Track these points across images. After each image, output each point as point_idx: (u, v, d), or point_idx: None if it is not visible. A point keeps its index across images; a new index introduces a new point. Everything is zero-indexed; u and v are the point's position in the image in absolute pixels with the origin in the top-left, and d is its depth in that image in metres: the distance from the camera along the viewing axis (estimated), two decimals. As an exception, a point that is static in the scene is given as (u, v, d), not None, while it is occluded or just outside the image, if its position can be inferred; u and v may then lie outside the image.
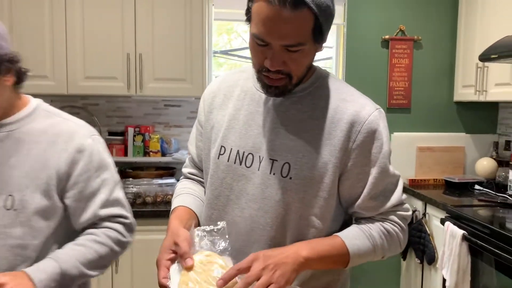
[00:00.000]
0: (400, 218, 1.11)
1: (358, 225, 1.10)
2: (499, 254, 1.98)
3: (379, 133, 1.06)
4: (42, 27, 2.53)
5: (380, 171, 1.06)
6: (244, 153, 1.10)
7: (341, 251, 1.04)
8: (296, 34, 0.95)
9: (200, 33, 2.63)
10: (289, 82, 1.03)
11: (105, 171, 1.23)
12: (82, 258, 1.16)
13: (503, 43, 2.34)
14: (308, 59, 1.03)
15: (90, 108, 2.91)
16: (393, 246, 1.11)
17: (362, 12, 3.12)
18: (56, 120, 1.22)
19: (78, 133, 1.21)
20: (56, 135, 1.19)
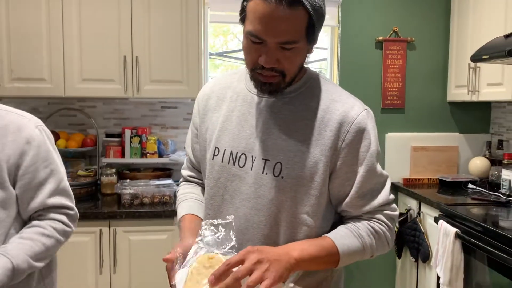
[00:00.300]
0: (387, 218, 1.13)
1: (346, 226, 1.12)
2: (492, 252, 2.01)
3: (367, 132, 1.09)
4: (39, 30, 2.55)
5: (367, 169, 1.09)
6: (237, 153, 1.13)
7: (331, 251, 1.05)
8: (291, 31, 0.98)
9: (196, 35, 2.66)
10: (282, 80, 1.06)
11: (52, 162, 1.26)
12: (30, 252, 1.18)
13: (493, 44, 2.37)
14: (300, 58, 1.06)
15: (87, 110, 2.93)
16: (381, 245, 1.13)
17: (356, 13, 3.15)
18: (3, 111, 1.22)
19: (26, 125, 1.22)
20: (4, 128, 1.19)
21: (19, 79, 2.56)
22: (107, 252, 2.40)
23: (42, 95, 2.61)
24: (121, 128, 2.94)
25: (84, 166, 2.86)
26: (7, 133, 1.20)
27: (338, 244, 1.06)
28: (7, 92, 2.54)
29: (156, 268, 2.44)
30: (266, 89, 1.08)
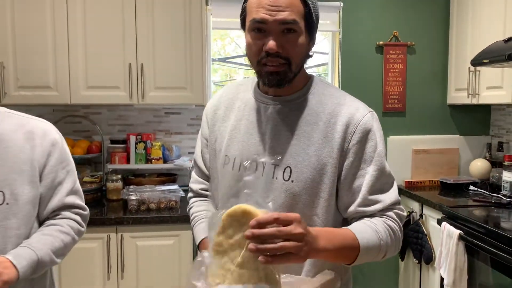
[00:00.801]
0: (398, 217, 1.15)
1: (363, 221, 1.11)
2: (495, 253, 2.04)
3: (373, 133, 1.13)
4: (44, 39, 2.58)
5: (376, 169, 1.12)
6: (247, 160, 1.16)
7: (352, 244, 1.04)
8: (291, 11, 1.05)
9: (199, 42, 2.69)
10: (288, 69, 1.09)
11: (69, 163, 1.37)
12: (52, 247, 1.25)
13: (493, 48, 2.41)
14: (303, 47, 1.11)
15: (92, 117, 2.96)
16: (394, 245, 1.13)
17: (357, 19, 3.20)
18: (22, 119, 1.32)
19: (50, 129, 1.34)
20: (31, 132, 1.29)
21: (25, 87, 2.59)
22: (114, 257, 2.43)
23: (48, 103, 2.64)
24: (125, 134, 2.97)
25: (89, 172, 2.88)
26: (35, 137, 1.30)
27: (359, 238, 1.04)
28: (13, 100, 2.57)
29: (163, 273, 2.47)
30: (274, 79, 1.10)
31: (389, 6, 3.22)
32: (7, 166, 1.24)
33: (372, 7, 3.20)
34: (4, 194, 1.22)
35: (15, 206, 1.23)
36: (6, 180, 1.23)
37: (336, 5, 3.12)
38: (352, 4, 3.17)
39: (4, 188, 1.23)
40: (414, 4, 3.23)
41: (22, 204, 1.24)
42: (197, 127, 3.10)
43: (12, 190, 1.23)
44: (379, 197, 1.12)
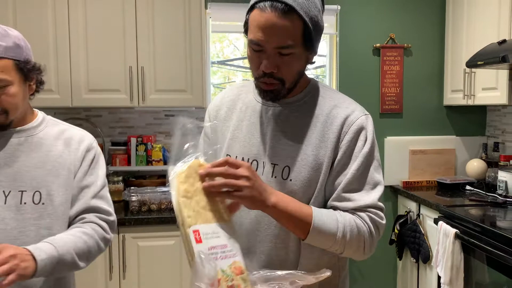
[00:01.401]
0: (371, 220, 1.12)
1: (334, 211, 1.13)
2: (490, 251, 2.08)
3: (364, 135, 1.16)
4: (46, 43, 2.62)
5: (358, 168, 1.14)
6: (249, 160, 1.20)
7: (305, 219, 1.08)
8: (286, 36, 1.06)
9: (199, 45, 2.73)
10: (282, 87, 1.13)
11: (100, 169, 1.43)
12: (74, 246, 1.26)
13: (488, 50, 2.46)
14: (299, 65, 1.13)
15: (93, 120, 2.99)
16: (356, 245, 1.11)
17: (354, 21, 3.24)
18: (63, 127, 1.43)
19: (87, 137, 1.44)
20: (70, 138, 1.39)
21: (27, 91, 2.63)
22: (116, 258, 2.46)
23: (49, 106, 2.67)
24: (126, 136, 3.00)
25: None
26: (72, 143, 1.39)
27: (315, 216, 1.08)
28: (15, 103, 2.60)
29: (165, 273, 2.50)
30: (268, 96, 1.15)
31: (386, 9, 3.26)
32: (46, 169, 1.32)
33: (369, 10, 3.25)
34: (41, 194, 1.30)
35: (50, 206, 1.30)
36: (44, 181, 1.31)
37: (333, 8, 3.17)
38: (350, 7, 3.22)
39: (41, 188, 1.30)
40: (410, 7, 3.28)
41: (56, 205, 1.31)
42: (197, 129, 3.13)
43: (49, 191, 1.31)
44: (353, 195, 1.13)
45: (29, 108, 1.39)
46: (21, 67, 1.31)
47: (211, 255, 0.95)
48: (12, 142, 1.33)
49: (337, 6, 3.17)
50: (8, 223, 1.27)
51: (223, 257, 0.98)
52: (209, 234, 0.98)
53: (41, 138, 1.36)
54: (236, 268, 0.98)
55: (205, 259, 0.93)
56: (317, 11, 1.09)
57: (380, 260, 3.27)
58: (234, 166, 1.01)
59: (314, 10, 1.08)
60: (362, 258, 1.16)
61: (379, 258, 3.26)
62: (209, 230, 0.98)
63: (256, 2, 1.08)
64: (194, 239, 0.96)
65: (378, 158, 1.19)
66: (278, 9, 1.04)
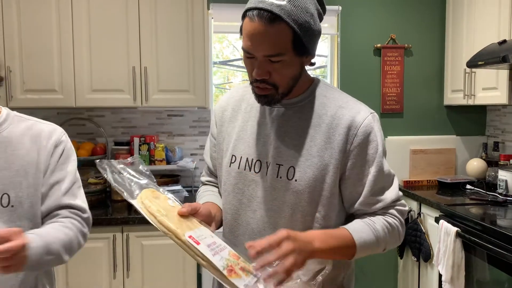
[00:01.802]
0: (399, 213, 1.21)
1: (363, 219, 1.19)
2: (491, 249, 2.10)
3: (374, 135, 1.18)
4: (50, 44, 2.64)
5: (378, 169, 1.17)
6: (253, 160, 1.22)
7: (349, 244, 1.12)
8: (274, 45, 1.07)
9: (201, 46, 2.75)
10: (275, 92, 1.15)
11: (70, 164, 1.33)
12: (57, 237, 1.19)
13: (488, 51, 2.48)
14: (292, 70, 1.14)
15: (95, 120, 3.01)
16: (393, 239, 1.20)
17: (355, 22, 3.26)
18: (30, 122, 1.32)
19: (56, 131, 1.34)
20: (37, 136, 1.29)
21: (31, 91, 2.65)
22: (120, 257, 2.48)
23: (53, 106, 2.69)
24: (129, 136, 3.02)
25: (94, 174, 2.93)
26: (41, 140, 1.30)
27: (355, 237, 1.12)
28: (19, 103, 2.62)
29: (168, 272, 2.52)
30: (262, 101, 1.17)
31: (387, 10, 3.28)
32: (14, 169, 1.25)
33: (370, 10, 3.27)
34: (9, 197, 1.23)
35: (20, 208, 1.23)
36: (12, 183, 1.24)
37: (334, 9, 3.19)
38: (350, 8, 3.24)
39: (9, 191, 1.23)
40: (411, 8, 3.30)
41: (27, 207, 1.24)
42: (199, 128, 3.15)
43: (17, 193, 1.23)
44: (380, 197, 1.19)
45: None
46: None
47: (212, 250, 1.01)
48: None
49: (338, 6, 3.19)
50: None
51: (220, 250, 1.03)
52: (199, 236, 1.03)
53: (6, 137, 1.27)
54: (234, 255, 1.05)
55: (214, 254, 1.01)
56: (308, 16, 1.08)
57: (381, 258, 3.29)
58: (276, 243, 1.01)
59: (305, 16, 1.07)
60: (399, 244, 1.26)
61: (380, 257, 3.28)
62: (197, 234, 1.04)
63: (246, 10, 1.09)
64: (194, 242, 1.00)
65: (385, 148, 1.22)
66: (264, 18, 1.04)
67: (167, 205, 1.08)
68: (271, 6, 1.04)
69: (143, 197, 1.07)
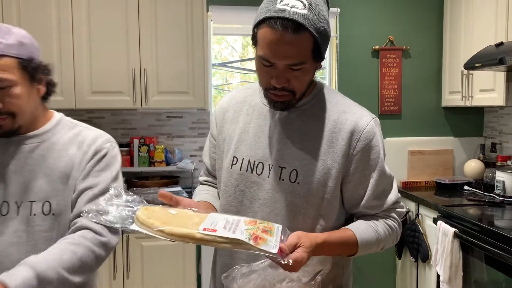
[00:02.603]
0: (397, 215, 1.26)
1: (366, 221, 1.22)
2: (489, 249, 2.12)
3: (376, 140, 1.20)
4: (50, 46, 2.65)
5: (379, 174, 1.20)
6: (255, 162, 1.23)
7: (351, 243, 1.17)
8: (298, 54, 1.07)
9: (201, 48, 2.77)
10: (293, 98, 1.16)
11: (109, 172, 1.28)
12: (59, 260, 1.11)
13: (485, 53, 2.50)
14: (309, 76, 1.16)
15: (95, 121, 3.02)
16: (391, 240, 1.25)
17: (353, 24, 3.28)
18: (80, 129, 1.33)
19: (101, 137, 1.32)
20: (81, 142, 1.29)
21: (31, 93, 2.66)
22: (120, 258, 2.49)
23: (53, 108, 2.69)
24: (129, 138, 3.03)
25: (94, 175, 2.94)
26: (83, 146, 1.28)
27: (358, 238, 1.17)
28: (20, 105, 2.63)
29: (168, 273, 2.53)
30: (278, 106, 1.18)
31: (385, 12, 3.30)
32: (55, 176, 1.24)
33: (368, 12, 3.29)
34: (51, 204, 1.22)
35: (60, 216, 1.23)
36: (53, 190, 1.23)
37: (333, 11, 3.20)
38: (349, 10, 3.26)
39: (51, 198, 1.22)
40: (409, 10, 3.32)
41: (67, 215, 1.23)
42: (198, 130, 3.17)
43: (59, 201, 1.23)
44: (382, 200, 1.22)
45: (41, 111, 1.30)
46: (25, 65, 1.21)
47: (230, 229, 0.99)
48: (24, 149, 1.25)
49: (337, 8, 3.21)
50: (21, 236, 1.21)
51: (236, 225, 1.01)
52: (212, 223, 1.01)
53: (53, 143, 1.27)
54: (250, 222, 1.04)
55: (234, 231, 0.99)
56: (325, 23, 1.09)
57: (380, 259, 3.31)
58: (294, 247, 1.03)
59: (323, 23, 1.08)
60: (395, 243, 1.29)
61: (379, 257, 3.30)
62: (209, 222, 1.01)
63: (266, 18, 1.06)
64: (211, 231, 0.97)
65: (385, 152, 1.25)
66: (289, 28, 1.03)
67: (167, 213, 1.04)
68: (296, 15, 1.03)
69: (140, 218, 1.01)
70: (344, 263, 1.28)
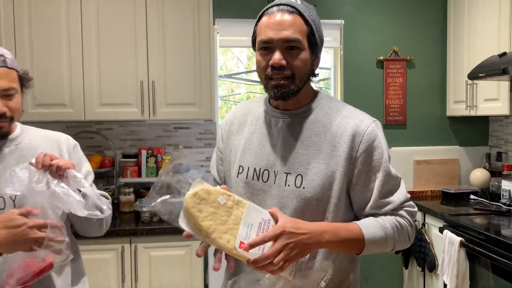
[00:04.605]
0: (408, 214, 1.25)
1: (374, 218, 1.23)
2: (495, 258, 2.13)
3: (378, 141, 1.23)
4: (60, 59, 2.71)
5: (384, 174, 1.22)
6: (261, 169, 1.26)
7: (358, 237, 1.16)
8: (294, 30, 1.18)
9: (208, 60, 2.82)
10: (291, 82, 1.21)
11: (87, 163, 1.55)
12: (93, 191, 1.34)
13: (489, 63, 2.53)
14: (306, 63, 1.22)
15: (104, 133, 3.07)
16: (403, 238, 1.23)
17: (357, 35, 3.32)
18: (42, 131, 1.52)
19: (69, 137, 1.56)
20: (57, 139, 1.50)
21: (42, 105, 2.71)
22: (128, 267, 2.52)
23: (63, 119, 2.76)
24: (137, 149, 3.07)
25: (102, 186, 2.98)
26: (60, 143, 1.50)
27: (365, 232, 1.17)
28: (30, 117, 2.68)
29: (176, 282, 2.55)
30: (278, 92, 1.21)
31: (388, 23, 3.34)
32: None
33: (372, 24, 3.33)
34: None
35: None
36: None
37: (337, 23, 3.25)
38: (353, 22, 3.30)
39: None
40: (412, 21, 3.36)
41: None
42: (205, 140, 3.20)
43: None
44: (389, 199, 1.23)
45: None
46: (21, 76, 1.40)
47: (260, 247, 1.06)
48: (5, 152, 1.40)
49: (341, 20, 3.26)
50: None
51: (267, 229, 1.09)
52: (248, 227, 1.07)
53: (28, 143, 1.44)
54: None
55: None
56: (317, 19, 1.24)
57: (387, 269, 3.31)
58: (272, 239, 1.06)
59: (315, 18, 1.23)
60: (408, 246, 1.28)
61: (386, 267, 3.30)
62: (245, 229, 1.07)
63: (264, 10, 1.23)
64: (244, 251, 1.05)
65: (389, 154, 1.27)
66: (285, 10, 1.19)
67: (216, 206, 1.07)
68: (289, 2, 1.21)
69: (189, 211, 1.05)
70: (350, 270, 1.29)
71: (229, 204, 1.08)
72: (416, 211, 1.29)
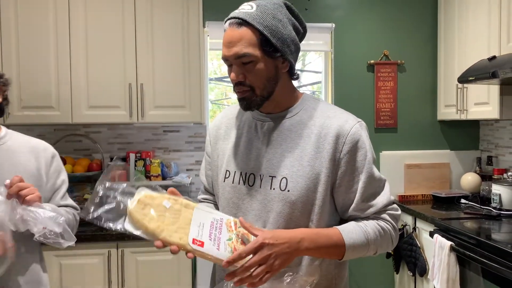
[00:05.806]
0: (391, 217, 1.24)
1: (355, 222, 1.22)
2: (485, 263, 2.11)
3: (362, 142, 1.22)
4: (47, 61, 2.68)
5: (368, 176, 1.21)
6: (247, 174, 1.25)
7: (338, 243, 1.16)
8: (242, 45, 1.15)
9: (197, 63, 2.80)
10: (253, 94, 1.21)
11: (64, 175, 1.61)
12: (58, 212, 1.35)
13: (479, 66, 2.53)
14: (265, 71, 1.19)
15: (92, 136, 3.03)
16: (385, 243, 1.23)
17: (348, 39, 3.32)
18: (26, 137, 1.57)
19: (49, 146, 1.59)
20: (35, 147, 1.54)
21: (28, 107, 2.67)
22: (115, 272, 2.47)
23: (50, 122, 2.72)
24: (125, 152, 3.04)
25: (90, 189, 2.94)
26: (38, 151, 1.54)
27: (345, 237, 1.16)
28: (17, 120, 2.64)
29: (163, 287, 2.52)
30: (242, 104, 1.23)
31: (379, 27, 3.34)
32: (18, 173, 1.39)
33: (363, 27, 3.33)
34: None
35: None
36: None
37: (328, 26, 3.25)
38: (344, 25, 3.30)
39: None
40: (403, 25, 3.36)
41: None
42: (195, 144, 3.17)
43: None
44: (372, 202, 1.22)
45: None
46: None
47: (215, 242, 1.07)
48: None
49: (332, 24, 3.25)
50: None
51: (220, 231, 1.10)
52: (199, 227, 1.08)
53: (10, 146, 1.49)
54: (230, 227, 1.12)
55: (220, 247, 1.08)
56: (276, 21, 1.17)
57: (378, 273, 3.29)
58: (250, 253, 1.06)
59: (271, 20, 1.16)
60: (392, 249, 1.28)
61: (377, 271, 3.28)
62: (196, 227, 1.08)
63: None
64: (199, 246, 1.05)
65: (374, 155, 1.25)
66: (234, 24, 1.16)
67: (162, 210, 1.08)
68: (239, 14, 1.17)
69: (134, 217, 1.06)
70: (337, 274, 1.27)
71: (177, 207, 1.10)
72: (399, 214, 1.28)
